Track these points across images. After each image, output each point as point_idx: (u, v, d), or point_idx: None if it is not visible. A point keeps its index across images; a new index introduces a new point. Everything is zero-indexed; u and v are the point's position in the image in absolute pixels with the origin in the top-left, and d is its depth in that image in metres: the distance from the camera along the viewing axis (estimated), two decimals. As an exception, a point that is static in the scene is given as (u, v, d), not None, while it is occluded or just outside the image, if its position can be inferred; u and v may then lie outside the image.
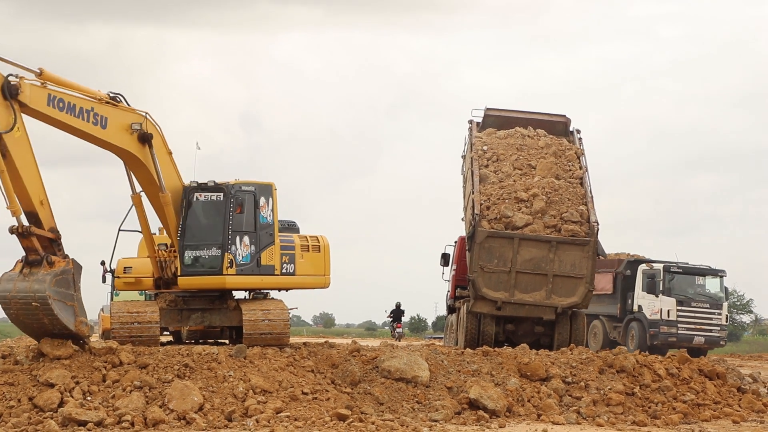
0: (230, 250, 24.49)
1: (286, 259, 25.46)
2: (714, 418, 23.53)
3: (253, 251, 24.77)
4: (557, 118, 35.27)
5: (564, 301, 31.10)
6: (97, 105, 22.69)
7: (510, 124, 34.85)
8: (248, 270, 24.70)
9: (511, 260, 31.07)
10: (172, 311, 24.94)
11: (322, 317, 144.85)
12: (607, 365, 24.96)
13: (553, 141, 33.79)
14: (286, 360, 22.88)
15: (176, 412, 20.24)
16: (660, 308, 43.86)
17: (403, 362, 23.14)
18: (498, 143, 33.66)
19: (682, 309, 43.91)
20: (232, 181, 24.95)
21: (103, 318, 48.57)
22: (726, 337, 46.35)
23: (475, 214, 31.28)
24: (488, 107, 35.36)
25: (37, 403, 20.28)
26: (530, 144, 33.51)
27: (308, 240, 26.35)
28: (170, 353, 22.28)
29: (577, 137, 34.36)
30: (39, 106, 21.53)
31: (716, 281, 45.55)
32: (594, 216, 31.42)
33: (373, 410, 21.56)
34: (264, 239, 24.94)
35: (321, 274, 26.35)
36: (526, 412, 22.58)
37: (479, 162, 32.90)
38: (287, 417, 20.31)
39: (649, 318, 44.08)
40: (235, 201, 24.49)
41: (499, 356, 24.77)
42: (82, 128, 22.36)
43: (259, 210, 24.79)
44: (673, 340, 43.34)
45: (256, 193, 24.83)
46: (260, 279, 25.08)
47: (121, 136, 23.18)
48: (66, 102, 21.99)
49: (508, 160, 33.00)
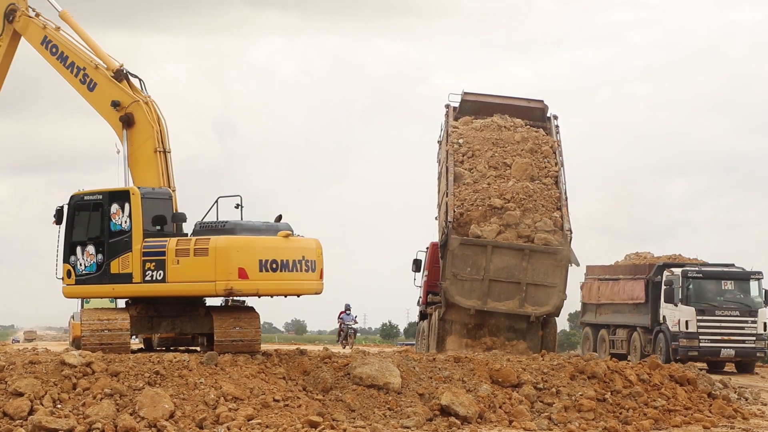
0: (69, 260, 24.52)
1: (152, 266, 23.94)
2: (685, 423, 23.61)
3: (99, 260, 24.30)
4: (535, 104, 35.36)
5: (537, 310, 31.14)
6: (91, 68, 24.21)
7: (487, 110, 34.87)
8: (93, 279, 24.33)
9: (484, 268, 31.09)
10: (143, 318, 24.83)
11: (294, 324, 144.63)
12: (578, 371, 25.00)
13: (530, 133, 33.64)
14: (257, 367, 22.82)
15: (147, 419, 20.17)
16: (678, 319, 38.97)
17: (375, 369, 23.12)
18: (474, 136, 33.53)
19: (703, 319, 38.54)
20: (79, 191, 24.80)
21: (73, 326, 48.36)
22: (766, 348, 39.92)
23: (447, 222, 31.29)
24: (465, 91, 35.35)
25: (6, 411, 20.17)
26: (506, 138, 33.32)
27: (192, 243, 23.79)
28: (141, 360, 22.19)
29: (554, 124, 34.38)
30: (32, 41, 24.63)
31: (750, 285, 39.49)
32: (568, 224, 31.48)
33: (344, 417, 21.54)
34: (117, 247, 24.17)
35: (210, 280, 23.72)
36: (497, 419, 22.59)
37: (454, 157, 32.81)
38: (258, 424, 20.27)
39: (671, 330, 39.12)
40: (69, 212, 24.55)
41: (470, 363, 24.78)
42: (69, 81, 24.02)
43: (110, 218, 24.29)
44: (695, 354, 38.42)
45: (103, 201, 24.34)
46: (111, 288, 24.44)
47: (105, 106, 24.34)
48: (60, 51, 24.64)
49: (483, 156, 32.93)
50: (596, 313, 43.90)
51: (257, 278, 23.67)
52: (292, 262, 24.01)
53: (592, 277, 44.40)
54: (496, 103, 35.18)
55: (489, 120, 34.22)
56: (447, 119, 34.61)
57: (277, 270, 23.84)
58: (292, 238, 24.25)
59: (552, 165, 32.87)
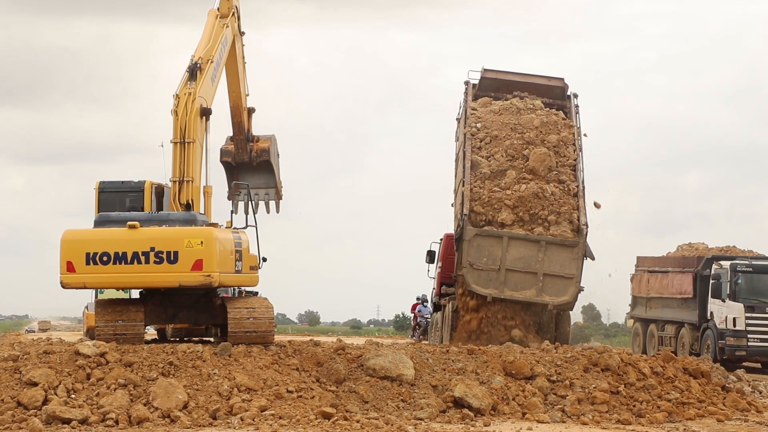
0: None
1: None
2: (698, 416, 23.55)
3: None
4: (555, 82, 35.32)
5: (555, 299, 31.07)
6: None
7: (507, 87, 34.85)
8: None
9: (500, 258, 31.05)
10: (157, 309, 24.87)
11: (307, 315, 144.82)
12: (592, 364, 24.96)
13: (549, 117, 33.50)
14: (270, 358, 22.84)
15: (161, 410, 20.20)
16: (726, 316, 36.70)
17: (388, 360, 23.12)
18: (492, 120, 33.40)
19: (752, 316, 36.23)
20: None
21: (87, 316, 48.51)
22: None
23: (463, 214, 31.24)
24: (485, 68, 35.31)
25: (21, 400, 20.23)
26: (525, 123, 33.14)
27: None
28: (155, 351, 22.24)
29: (574, 103, 34.32)
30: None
31: None
32: (584, 217, 31.38)
33: (358, 408, 21.54)
34: None
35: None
36: (510, 411, 22.57)
37: (471, 143, 32.71)
38: (272, 415, 20.29)
39: (717, 327, 36.84)
40: None
41: (484, 354, 24.77)
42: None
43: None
44: (742, 354, 36.34)
45: None
46: None
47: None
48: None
49: (501, 145, 32.77)
50: (646, 307, 42.14)
51: (84, 271, 23.30)
52: (133, 254, 23.25)
53: (642, 269, 42.67)
54: (516, 81, 35.16)
55: (508, 102, 34.11)
56: (466, 97, 34.53)
57: (108, 263, 23.28)
58: (141, 229, 23.43)
59: (571, 153, 32.73)
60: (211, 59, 25.58)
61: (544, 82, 35.26)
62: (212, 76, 25.67)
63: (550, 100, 34.70)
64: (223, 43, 26.61)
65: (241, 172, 29.68)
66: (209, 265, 23.21)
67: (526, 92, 34.81)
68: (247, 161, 29.63)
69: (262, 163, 29.81)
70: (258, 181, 29.84)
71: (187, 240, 23.30)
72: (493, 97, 34.97)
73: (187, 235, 23.34)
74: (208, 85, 25.38)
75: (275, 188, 30.27)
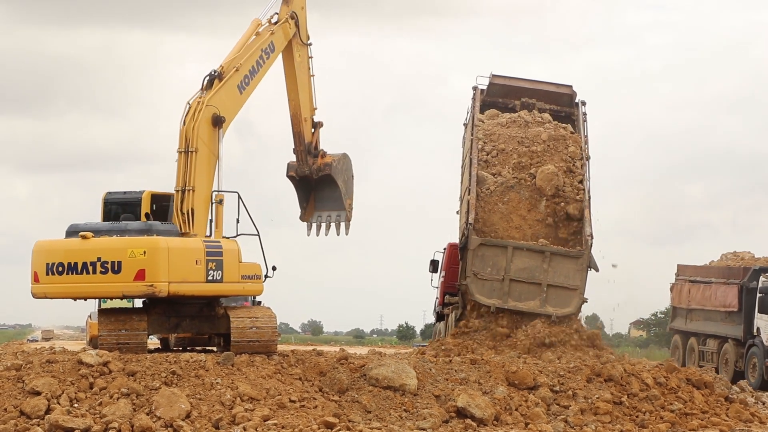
0: None
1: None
2: (701, 427, 23.53)
3: None
4: (563, 89, 35.25)
5: (559, 310, 31.01)
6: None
7: (515, 93, 34.79)
8: None
9: (504, 268, 30.99)
10: (160, 318, 24.88)
11: (310, 325, 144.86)
12: (594, 374, 24.96)
13: (557, 131, 33.39)
14: (273, 368, 22.85)
15: (163, 419, 20.20)
16: None
17: (391, 370, 23.12)
18: (500, 134, 33.33)
19: None
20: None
21: (90, 325, 48.53)
22: None
23: (468, 223, 31.20)
24: (494, 74, 35.24)
25: (23, 410, 20.24)
26: (532, 137, 33.04)
27: None
28: (158, 360, 22.25)
29: (582, 111, 34.25)
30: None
31: None
32: (589, 228, 31.32)
33: (360, 418, 21.55)
34: None
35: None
36: (513, 421, 22.57)
37: (478, 156, 32.61)
38: (275, 425, 20.29)
39: (765, 344, 34.58)
40: None
41: (487, 365, 24.77)
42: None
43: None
44: None
45: None
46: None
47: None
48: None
49: (508, 161, 32.69)
50: (686, 319, 40.02)
51: (45, 281, 23.58)
52: (83, 264, 23.32)
53: (683, 278, 40.61)
54: (524, 87, 35.09)
55: (516, 115, 34.05)
56: (474, 102, 34.48)
57: (63, 273, 23.45)
58: (92, 240, 23.45)
59: (578, 168, 32.64)
60: (238, 67, 25.47)
61: (552, 89, 35.21)
62: (238, 84, 25.54)
63: (557, 108, 34.64)
64: (266, 51, 26.50)
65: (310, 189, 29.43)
66: (153, 275, 23.09)
67: (534, 99, 34.77)
68: (308, 174, 29.12)
69: (325, 178, 29.22)
70: (325, 202, 29.39)
71: (130, 250, 23.22)
72: (501, 104, 34.94)
73: (130, 245, 23.27)
74: (229, 93, 25.22)
75: (344, 209, 29.58)
